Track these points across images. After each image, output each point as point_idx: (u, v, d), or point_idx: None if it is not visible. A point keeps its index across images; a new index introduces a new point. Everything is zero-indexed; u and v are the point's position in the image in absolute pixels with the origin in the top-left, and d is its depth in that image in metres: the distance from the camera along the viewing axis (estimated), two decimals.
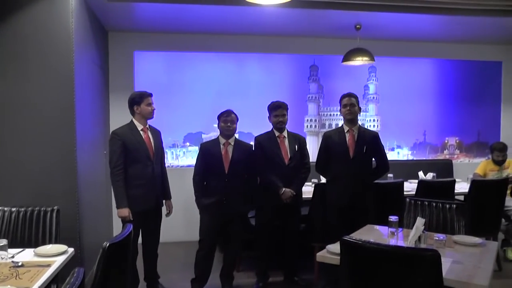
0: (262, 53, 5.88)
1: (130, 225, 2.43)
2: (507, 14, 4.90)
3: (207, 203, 3.75)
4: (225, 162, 3.74)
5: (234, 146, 3.81)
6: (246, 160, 3.84)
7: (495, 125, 6.79)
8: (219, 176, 3.73)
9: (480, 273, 2.26)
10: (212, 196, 3.74)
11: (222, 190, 3.72)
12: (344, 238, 2.15)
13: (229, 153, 3.77)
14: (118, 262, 2.21)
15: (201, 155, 3.85)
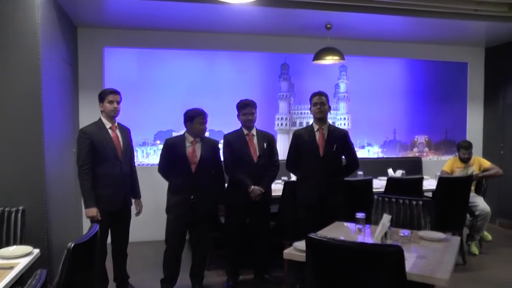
0: (233, 51, 5.89)
1: (96, 225, 2.39)
2: (472, 18, 5.06)
3: (173, 202, 3.73)
4: (192, 161, 3.69)
5: (201, 144, 3.77)
6: (214, 157, 3.83)
7: (462, 124, 6.98)
8: (185, 175, 3.69)
9: (442, 267, 2.32)
10: (178, 195, 3.70)
11: (188, 190, 3.67)
12: (309, 235, 2.17)
13: (196, 152, 3.72)
14: (84, 263, 2.18)
15: (166, 151, 3.80)
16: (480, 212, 5.07)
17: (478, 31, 5.95)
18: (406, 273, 2.05)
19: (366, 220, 3.07)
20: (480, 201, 5.18)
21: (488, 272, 4.59)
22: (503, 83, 6.68)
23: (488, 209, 5.11)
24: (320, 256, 2.17)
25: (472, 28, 5.66)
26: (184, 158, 3.69)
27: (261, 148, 3.95)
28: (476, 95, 7.02)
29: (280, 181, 4.62)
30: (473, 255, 5.09)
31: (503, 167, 5.70)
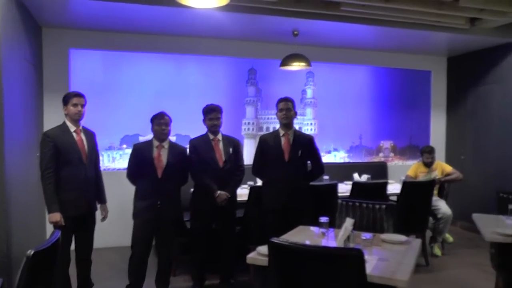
0: (200, 55, 5.88)
1: (58, 231, 2.34)
2: (434, 29, 5.25)
3: (140, 207, 3.69)
4: (158, 166, 3.67)
5: (168, 149, 3.75)
6: (181, 163, 3.81)
7: (426, 130, 7.19)
8: (151, 180, 3.66)
9: (402, 269, 2.38)
10: (145, 200, 3.68)
11: (155, 195, 3.65)
12: (271, 240, 2.19)
13: (162, 157, 3.70)
14: (45, 271, 2.12)
15: (133, 156, 3.78)
16: (442, 215, 5.23)
17: (441, 42, 6.16)
18: (366, 275, 2.10)
19: (331, 224, 3.13)
20: (442, 204, 5.35)
21: (449, 273, 4.74)
22: (464, 91, 6.92)
23: (450, 212, 5.27)
24: (282, 260, 2.19)
25: (435, 38, 5.86)
26: (150, 163, 3.67)
27: (227, 153, 3.97)
28: (439, 102, 7.25)
29: (246, 186, 4.65)
30: (435, 256, 5.25)
31: (464, 172, 5.90)
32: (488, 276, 4.32)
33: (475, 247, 5.43)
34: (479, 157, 6.62)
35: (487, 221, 3.66)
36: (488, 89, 6.49)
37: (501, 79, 6.27)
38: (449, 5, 4.57)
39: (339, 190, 4.69)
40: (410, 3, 4.40)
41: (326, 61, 6.36)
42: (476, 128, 6.70)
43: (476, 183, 6.46)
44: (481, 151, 6.60)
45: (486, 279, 4.37)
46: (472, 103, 6.78)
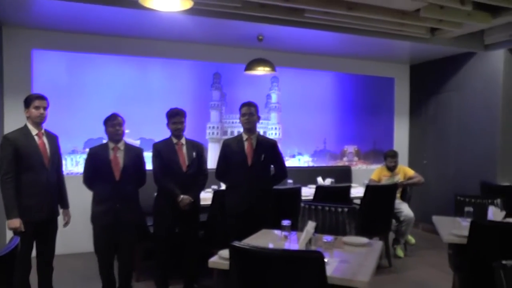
0: (165, 58, 5.84)
1: (17, 238, 2.28)
2: (397, 38, 5.40)
3: (98, 211, 3.64)
4: (115, 168, 3.64)
5: (124, 151, 3.72)
6: (137, 165, 3.78)
7: (389, 135, 7.36)
8: (109, 183, 3.62)
9: (363, 270, 2.43)
10: (103, 204, 3.63)
11: (113, 198, 3.61)
12: (232, 243, 2.20)
13: (119, 158, 3.67)
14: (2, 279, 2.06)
15: (89, 160, 3.73)
16: (404, 218, 5.38)
17: (403, 50, 6.35)
18: (327, 277, 2.14)
19: (294, 227, 3.18)
20: (404, 207, 5.50)
21: (412, 273, 4.88)
22: (425, 98, 7.15)
23: (412, 215, 5.43)
24: (243, 263, 2.21)
25: (397, 46, 6.02)
26: (107, 166, 3.63)
27: (190, 157, 3.96)
28: (402, 108, 7.45)
29: (210, 190, 4.65)
30: (398, 257, 5.40)
31: (426, 176, 6.09)
32: (446, 275, 4.47)
33: (436, 248, 5.58)
34: (439, 161, 6.84)
35: (446, 223, 3.78)
36: (448, 96, 6.72)
37: (460, 86, 6.51)
38: (410, 15, 4.71)
39: (303, 194, 4.75)
40: (372, 11, 4.50)
41: (290, 66, 6.42)
42: (436, 133, 6.93)
43: (437, 187, 6.67)
44: (441, 156, 6.82)
45: (444, 278, 4.51)
46: (433, 109, 7.01)
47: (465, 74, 6.43)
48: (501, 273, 1.95)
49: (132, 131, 5.58)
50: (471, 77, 6.33)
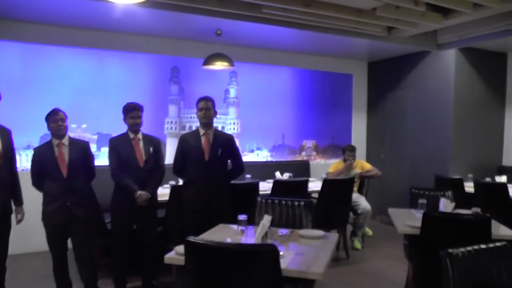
0: (123, 52, 5.71)
1: None
2: (354, 35, 5.51)
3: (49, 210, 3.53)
4: (61, 165, 3.52)
5: (69, 146, 3.61)
6: (85, 159, 3.69)
7: (347, 130, 7.51)
8: (57, 181, 3.51)
9: (318, 262, 2.48)
10: (53, 203, 3.52)
11: (63, 196, 3.51)
12: (187, 238, 2.19)
13: (64, 154, 3.55)
14: None
15: (35, 161, 3.59)
16: (362, 211, 5.51)
17: (361, 47, 6.48)
18: (281, 269, 2.16)
19: (252, 221, 3.20)
20: (362, 200, 5.63)
21: (369, 264, 5.02)
22: (383, 94, 7.34)
23: (369, 208, 5.57)
24: (198, 258, 2.20)
25: (355, 44, 6.14)
26: (54, 163, 3.51)
27: (147, 152, 3.91)
28: (360, 104, 7.61)
29: (167, 186, 4.61)
30: (356, 249, 5.53)
31: (383, 170, 6.26)
32: (402, 265, 4.63)
33: (392, 239, 5.73)
34: (396, 156, 7.05)
35: (401, 215, 3.90)
36: (404, 92, 6.92)
37: (415, 83, 6.72)
38: (367, 14, 4.82)
39: (261, 189, 4.78)
40: (329, 9, 4.56)
41: (249, 62, 6.43)
42: (393, 128, 7.13)
43: (394, 180, 6.87)
44: (397, 150, 7.03)
45: (400, 268, 4.67)
46: (390, 105, 7.20)
47: (420, 72, 6.64)
48: (447, 261, 2.03)
49: (89, 125, 5.48)
50: (426, 75, 6.54)
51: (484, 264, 2.12)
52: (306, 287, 2.89)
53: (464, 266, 2.05)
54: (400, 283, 4.33)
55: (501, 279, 2.13)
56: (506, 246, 2.23)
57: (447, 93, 6.18)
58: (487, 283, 2.10)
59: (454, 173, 5.99)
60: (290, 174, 5.67)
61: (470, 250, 2.11)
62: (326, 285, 4.33)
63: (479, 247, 2.15)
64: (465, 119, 6.23)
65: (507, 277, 2.15)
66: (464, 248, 2.10)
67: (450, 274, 2.01)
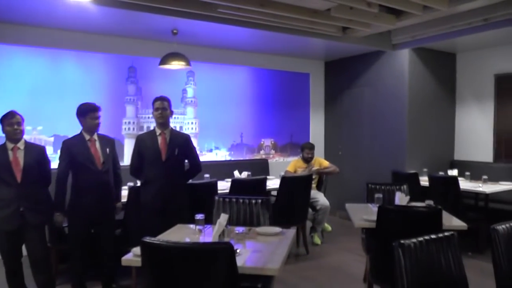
0: (78, 51, 5.52)
1: None
2: (309, 35, 5.56)
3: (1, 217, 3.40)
4: (16, 170, 3.41)
5: (24, 150, 3.50)
6: (41, 163, 3.59)
7: (305, 128, 7.60)
8: (11, 186, 3.40)
9: (274, 259, 2.50)
10: (5, 208, 3.40)
11: (16, 201, 3.40)
12: (143, 239, 2.17)
13: (19, 159, 3.45)
14: None
15: None
16: (320, 207, 5.60)
17: (317, 47, 6.57)
18: (238, 267, 2.16)
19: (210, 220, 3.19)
20: (320, 196, 5.72)
21: (329, 259, 5.11)
22: (340, 92, 7.48)
23: (328, 204, 5.67)
24: (155, 259, 2.19)
25: (312, 43, 6.22)
26: (8, 168, 3.40)
27: (105, 153, 3.82)
28: (317, 102, 7.72)
29: (125, 187, 4.53)
30: (316, 245, 5.62)
31: (341, 166, 6.39)
32: (360, 258, 4.77)
33: (351, 234, 5.84)
34: (354, 152, 7.20)
35: (358, 210, 4.00)
36: (360, 91, 7.08)
37: (371, 82, 6.89)
38: (321, 14, 4.88)
39: (220, 188, 4.79)
40: (284, 9, 4.57)
41: (206, 61, 6.39)
42: (351, 126, 7.28)
43: (352, 176, 7.01)
44: (355, 147, 7.18)
45: (359, 261, 4.80)
46: (347, 104, 7.35)
47: (375, 71, 6.81)
48: (399, 251, 2.10)
49: (45, 127, 5.29)
50: (381, 74, 6.71)
51: (433, 253, 2.20)
52: (265, 283, 2.92)
53: (416, 256, 2.13)
54: (359, 275, 4.45)
55: (449, 266, 2.23)
56: (454, 235, 2.33)
57: (401, 91, 6.37)
58: (437, 270, 2.18)
59: (410, 168, 6.17)
60: (249, 172, 5.69)
61: (421, 240, 2.19)
62: (286, 281, 4.37)
63: (430, 237, 2.23)
64: (419, 116, 6.43)
65: (454, 264, 2.25)
66: (416, 239, 2.17)
67: (402, 263, 2.08)
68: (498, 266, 2.35)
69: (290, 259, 5.03)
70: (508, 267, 2.35)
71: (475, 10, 4.90)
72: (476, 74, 6.63)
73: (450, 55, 6.83)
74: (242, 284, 2.72)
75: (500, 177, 5.82)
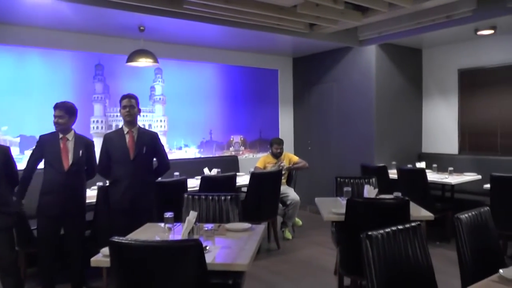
0: (44, 48, 5.37)
1: None
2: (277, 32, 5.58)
3: None
4: None
5: None
6: (6, 164, 3.49)
7: (275, 124, 7.62)
8: None
9: (243, 254, 2.51)
10: None
11: None
12: (111, 239, 2.14)
13: None
14: None
15: None
16: (291, 202, 5.64)
17: (285, 43, 6.58)
18: (206, 264, 2.16)
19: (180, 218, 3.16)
20: (290, 191, 5.76)
21: (299, 253, 5.16)
22: (308, 88, 7.53)
23: (298, 198, 5.71)
24: (123, 258, 2.16)
25: (279, 40, 6.22)
26: None
27: (76, 155, 3.75)
28: (286, 98, 7.76)
29: (95, 187, 4.44)
30: (287, 239, 5.66)
31: (311, 161, 6.44)
32: (331, 251, 4.85)
33: (322, 228, 5.90)
34: (323, 147, 7.27)
35: (327, 203, 4.04)
36: (329, 86, 7.15)
37: (339, 78, 6.97)
38: (288, 11, 4.88)
39: (190, 185, 4.77)
40: (250, 5, 4.56)
41: (174, 58, 6.33)
42: (319, 121, 7.35)
43: (322, 171, 7.08)
44: (324, 142, 7.25)
45: (329, 254, 4.88)
46: (316, 99, 7.41)
47: (343, 67, 6.89)
48: (367, 243, 2.13)
49: (10, 128, 5.12)
50: (349, 69, 6.79)
51: (401, 243, 2.25)
52: (236, 279, 2.92)
53: (383, 247, 2.17)
54: (329, 268, 4.51)
55: (416, 255, 2.28)
56: (420, 225, 2.39)
57: (369, 86, 6.47)
58: (404, 260, 2.23)
59: (378, 161, 6.28)
60: (219, 169, 5.67)
61: (388, 231, 2.23)
62: (258, 276, 4.39)
63: (397, 228, 2.28)
64: (387, 110, 6.54)
65: (420, 253, 2.30)
66: (383, 230, 2.21)
67: (370, 254, 2.12)
68: (462, 253, 2.42)
69: (261, 254, 5.06)
70: (470, 254, 2.43)
71: (438, 7, 5.02)
72: (441, 69, 6.80)
73: (416, 51, 6.98)
74: (213, 281, 2.74)
75: (465, 168, 6.01)
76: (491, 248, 2.64)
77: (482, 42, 6.20)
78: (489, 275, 2.10)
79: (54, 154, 3.68)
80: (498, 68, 6.10)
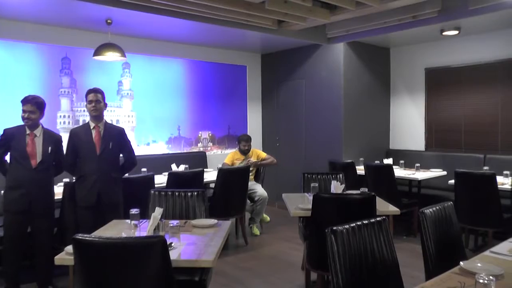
0: (7, 40, 5.17)
1: None
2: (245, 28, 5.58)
3: None
4: None
5: None
6: None
7: (243, 120, 7.62)
8: None
9: (209, 250, 2.50)
10: None
11: None
12: (74, 236, 2.10)
13: None
14: None
15: None
16: (259, 198, 5.66)
17: (254, 40, 6.58)
18: (171, 260, 2.15)
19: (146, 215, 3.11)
20: (258, 188, 5.78)
21: (267, 249, 5.19)
22: (277, 85, 7.56)
23: (266, 194, 5.73)
24: (87, 256, 2.13)
25: (248, 36, 6.22)
26: None
27: (45, 151, 3.67)
28: (254, 95, 7.76)
29: (61, 184, 4.33)
30: (255, 235, 5.67)
31: (279, 157, 6.48)
32: (298, 246, 4.92)
33: (289, 223, 5.97)
34: (291, 143, 7.31)
35: (294, 199, 4.07)
36: (297, 83, 7.19)
37: (308, 75, 7.01)
38: (256, 7, 4.89)
39: (157, 182, 4.73)
40: (219, 0, 4.54)
41: (142, 53, 6.24)
42: (288, 118, 7.38)
43: (290, 167, 7.12)
44: (292, 138, 7.30)
45: (297, 249, 4.94)
46: (284, 96, 7.44)
47: (312, 64, 6.94)
48: (332, 237, 2.16)
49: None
50: (318, 67, 6.85)
51: (366, 237, 2.29)
52: (202, 276, 2.91)
53: (348, 241, 2.20)
54: (297, 263, 4.56)
55: (381, 249, 2.33)
56: (385, 219, 2.43)
57: (337, 83, 6.54)
58: (369, 254, 2.27)
59: (346, 158, 6.36)
60: (186, 165, 5.63)
61: (354, 226, 2.27)
62: (225, 272, 4.39)
63: (362, 222, 2.32)
64: (355, 107, 6.63)
65: (385, 247, 2.35)
66: (348, 225, 2.24)
67: (335, 249, 2.14)
68: (426, 247, 2.49)
69: (229, 250, 5.06)
70: (434, 247, 2.50)
71: (405, 7, 5.13)
72: (408, 68, 6.94)
73: (384, 50, 7.11)
74: (179, 278, 2.73)
75: (431, 164, 6.18)
76: (453, 242, 2.72)
77: (447, 42, 6.36)
78: (451, 267, 2.16)
79: (21, 151, 3.59)
80: (462, 68, 6.28)
